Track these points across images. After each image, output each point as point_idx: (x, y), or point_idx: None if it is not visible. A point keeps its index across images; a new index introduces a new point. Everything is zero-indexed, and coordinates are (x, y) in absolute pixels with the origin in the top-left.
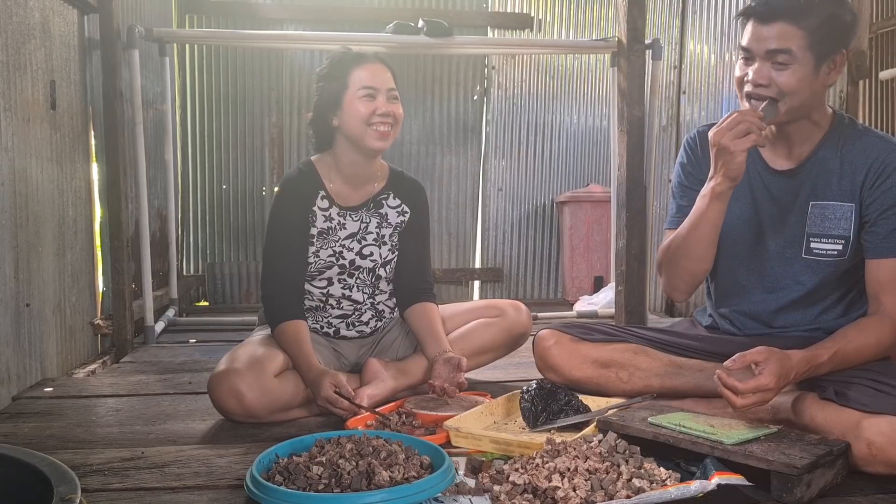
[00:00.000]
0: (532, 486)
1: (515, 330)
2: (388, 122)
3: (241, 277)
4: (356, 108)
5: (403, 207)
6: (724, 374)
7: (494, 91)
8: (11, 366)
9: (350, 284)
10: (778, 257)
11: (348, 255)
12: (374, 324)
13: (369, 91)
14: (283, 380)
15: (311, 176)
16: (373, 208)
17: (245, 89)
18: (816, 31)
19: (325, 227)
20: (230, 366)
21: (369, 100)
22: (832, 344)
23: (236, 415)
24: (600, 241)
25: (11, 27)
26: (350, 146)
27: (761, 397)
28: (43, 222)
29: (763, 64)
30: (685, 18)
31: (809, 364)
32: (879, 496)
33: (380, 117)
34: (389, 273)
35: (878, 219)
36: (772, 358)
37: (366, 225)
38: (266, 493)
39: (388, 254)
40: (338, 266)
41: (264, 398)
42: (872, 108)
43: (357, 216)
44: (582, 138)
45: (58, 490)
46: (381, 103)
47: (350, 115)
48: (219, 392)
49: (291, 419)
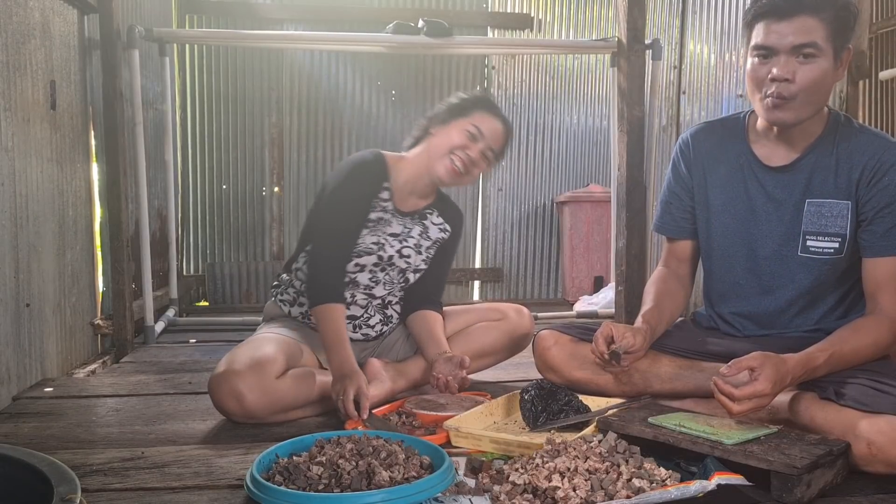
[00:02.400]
0: (532, 486)
1: (517, 333)
2: (465, 164)
3: (241, 277)
4: (453, 135)
5: (445, 226)
6: (720, 381)
7: (494, 91)
8: (11, 366)
9: (378, 278)
10: (774, 255)
11: (389, 250)
12: (379, 328)
13: (474, 133)
14: (285, 381)
15: (383, 167)
16: (417, 218)
17: (245, 89)
18: (833, 23)
19: (378, 218)
20: (230, 367)
21: (470, 138)
22: (828, 346)
23: (237, 416)
24: (600, 241)
25: (11, 27)
26: (423, 160)
27: (757, 403)
28: (43, 222)
29: (788, 58)
30: (685, 18)
31: (805, 367)
32: (879, 496)
33: (463, 153)
34: (414, 281)
35: (874, 217)
36: (767, 363)
37: (409, 230)
38: (266, 493)
39: (420, 263)
40: (376, 256)
41: (265, 399)
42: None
43: (402, 221)
44: (582, 138)
45: (58, 490)
46: (474, 151)
47: (445, 136)
48: (219, 393)
49: (292, 419)
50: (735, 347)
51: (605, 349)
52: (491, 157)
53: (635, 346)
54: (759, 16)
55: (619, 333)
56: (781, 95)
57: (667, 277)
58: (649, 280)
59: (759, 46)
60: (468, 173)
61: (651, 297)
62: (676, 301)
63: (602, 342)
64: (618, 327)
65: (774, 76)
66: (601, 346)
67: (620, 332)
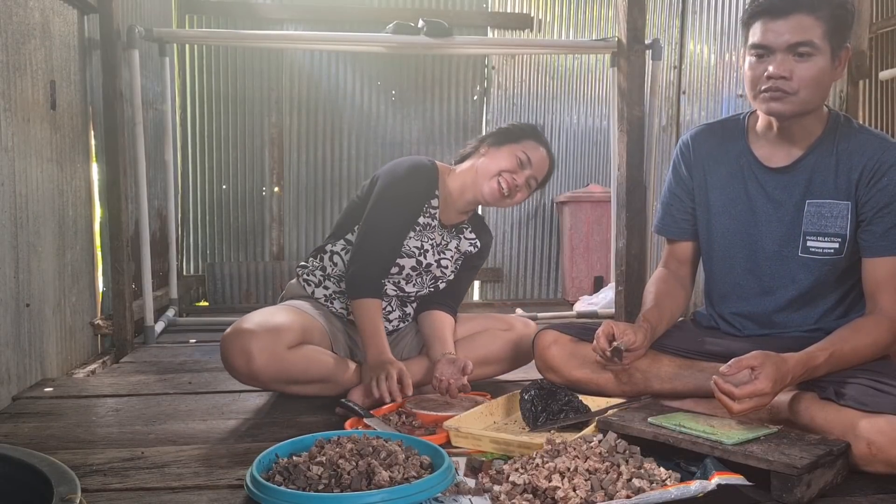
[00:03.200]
0: (532, 486)
1: (523, 343)
2: (511, 188)
3: (241, 277)
4: (503, 158)
5: (476, 242)
6: (720, 380)
7: (494, 91)
8: (11, 366)
9: (413, 279)
10: (774, 256)
11: (429, 258)
12: (397, 324)
13: (523, 160)
14: (296, 353)
15: (436, 173)
16: (455, 232)
17: (245, 89)
18: (830, 21)
19: (425, 224)
20: (246, 326)
21: (518, 164)
22: (828, 345)
23: (242, 375)
24: (600, 241)
25: (11, 27)
26: (471, 176)
27: (758, 402)
28: (43, 222)
29: (784, 57)
30: (685, 18)
31: (806, 367)
32: (879, 496)
33: (509, 177)
34: (441, 288)
35: (874, 217)
36: (767, 362)
37: (446, 242)
38: (266, 493)
39: (450, 274)
40: (415, 260)
41: (273, 366)
42: (872, 108)
43: (442, 232)
44: (582, 138)
45: (58, 490)
46: (520, 175)
47: (495, 158)
48: (230, 349)
49: (294, 393)
50: (735, 347)
51: (607, 346)
52: (534, 185)
53: (636, 343)
54: (756, 15)
55: (621, 331)
56: (779, 88)
57: (667, 278)
58: (649, 281)
59: (755, 45)
60: (510, 196)
61: (651, 298)
62: (677, 301)
63: (604, 339)
64: (619, 325)
65: (771, 74)
66: (603, 343)
67: (621, 329)
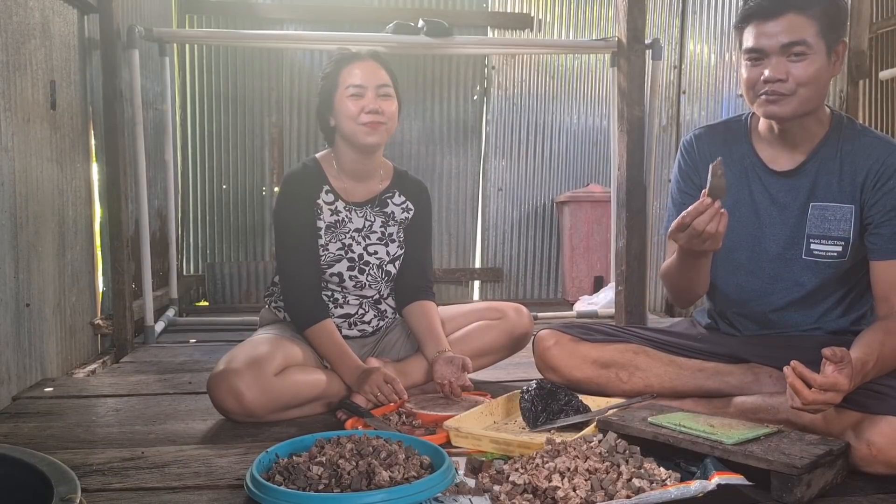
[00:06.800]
0: (532, 486)
1: (516, 332)
2: (377, 119)
3: (241, 277)
4: (346, 106)
5: (408, 204)
6: (800, 364)
7: (494, 91)
8: (11, 366)
9: (361, 280)
10: (778, 258)
11: (357, 249)
12: (376, 323)
13: (357, 90)
14: (283, 379)
15: (315, 171)
16: (378, 206)
17: (245, 89)
18: (822, 19)
19: (333, 221)
20: (229, 366)
21: (357, 98)
22: (872, 350)
23: (236, 414)
24: (600, 241)
25: (11, 27)
26: (347, 144)
27: (831, 398)
28: (43, 222)
29: (779, 59)
30: (685, 18)
31: (861, 373)
32: (879, 496)
33: (368, 115)
34: (397, 270)
35: (881, 221)
36: (850, 360)
37: (370, 223)
38: (266, 493)
39: (396, 250)
40: (347, 260)
41: (264, 398)
42: (872, 108)
43: (362, 213)
44: (582, 138)
45: (58, 490)
46: (368, 100)
47: (341, 115)
48: (218, 392)
49: (291, 418)
50: (735, 347)
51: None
52: (388, 90)
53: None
54: (747, 18)
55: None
56: (776, 91)
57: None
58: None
59: (750, 50)
60: (388, 119)
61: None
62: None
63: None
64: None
65: (767, 78)
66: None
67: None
